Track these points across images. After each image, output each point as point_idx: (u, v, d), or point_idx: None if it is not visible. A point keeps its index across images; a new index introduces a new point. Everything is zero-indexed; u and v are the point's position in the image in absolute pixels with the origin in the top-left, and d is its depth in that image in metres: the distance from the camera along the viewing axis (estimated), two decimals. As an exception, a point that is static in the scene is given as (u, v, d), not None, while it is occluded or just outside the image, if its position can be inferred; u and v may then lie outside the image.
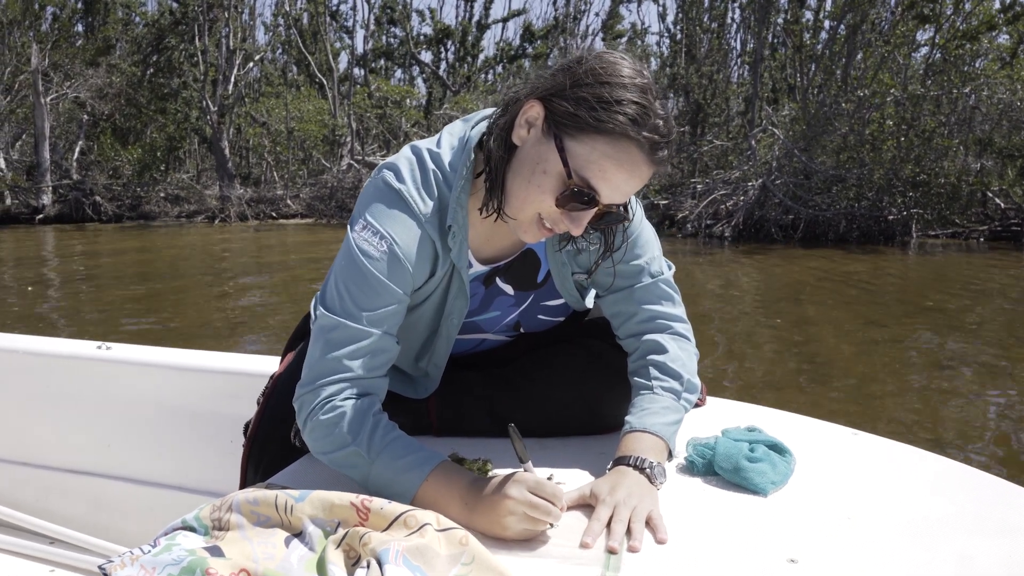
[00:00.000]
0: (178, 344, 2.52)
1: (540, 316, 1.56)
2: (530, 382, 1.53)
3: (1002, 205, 15.92)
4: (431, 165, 1.34)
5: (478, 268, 1.45)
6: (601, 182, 1.19)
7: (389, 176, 1.33)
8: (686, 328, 1.51)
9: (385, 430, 1.26)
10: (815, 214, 15.54)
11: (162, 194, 24.03)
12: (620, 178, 1.20)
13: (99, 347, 2.31)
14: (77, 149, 25.26)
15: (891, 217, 15.23)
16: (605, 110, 1.16)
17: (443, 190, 1.33)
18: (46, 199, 22.79)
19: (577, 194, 1.20)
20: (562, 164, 1.19)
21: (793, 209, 15.75)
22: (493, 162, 1.28)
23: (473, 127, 1.36)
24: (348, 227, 1.35)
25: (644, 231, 1.48)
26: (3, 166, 23.80)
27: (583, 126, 1.18)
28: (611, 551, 1.09)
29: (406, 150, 1.37)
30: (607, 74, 1.18)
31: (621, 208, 1.26)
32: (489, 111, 1.36)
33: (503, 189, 1.27)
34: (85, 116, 25.12)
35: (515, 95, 1.28)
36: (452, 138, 1.37)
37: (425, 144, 1.37)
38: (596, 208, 1.22)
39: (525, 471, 1.16)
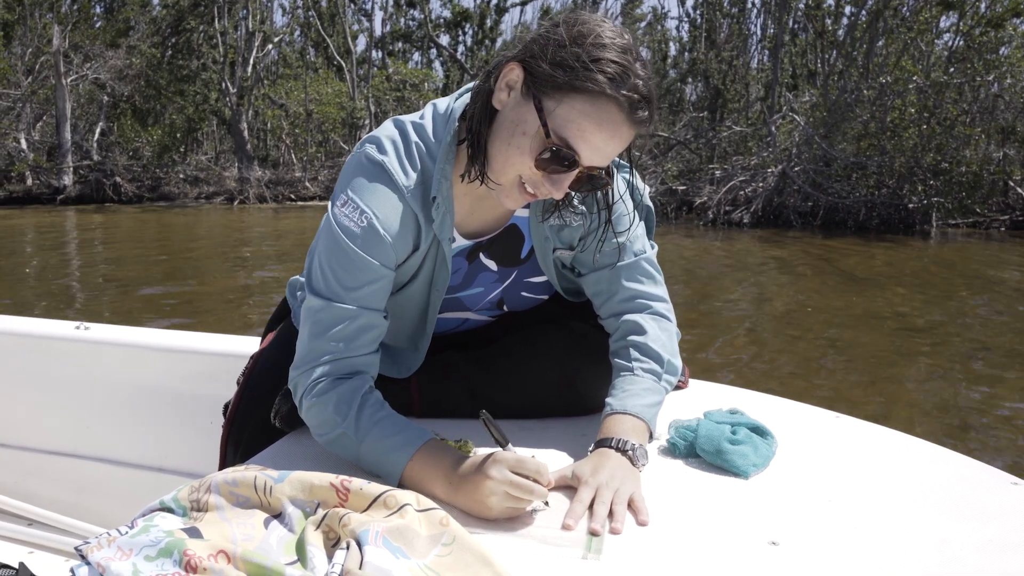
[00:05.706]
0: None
1: (523, 293, 1.54)
2: (512, 362, 1.51)
3: (1024, 194, 15.77)
4: (414, 137, 1.32)
5: (461, 242, 1.43)
6: (580, 142, 1.17)
7: (371, 149, 1.31)
8: (667, 308, 1.49)
9: (373, 409, 1.25)
10: (835, 201, 15.43)
11: (181, 175, 24.19)
12: (599, 138, 1.18)
13: (77, 327, 2.28)
14: (98, 130, 25.46)
15: (911, 206, 15.09)
16: (584, 69, 1.15)
17: (426, 162, 1.32)
18: (67, 180, 22.99)
19: (556, 155, 1.18)
20: (540, 124, 1.17)
21: (812, 196, 15.64)
22: (474, 126, 1.26)
23: (458, 98, 1.35)
24: (329, 203, 1.34)
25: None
26: (25, 147, 24.00)
27: (561, 85, 1.16)
28: (593, 533, 1.08)
29: (388, 123, 1.35)
30: (586, 35, 1.17)
31: (603, 172, 1.24)
32: (475, 83, 1.34)
33: (485, 154, 1.25)
34: (105, 97, 25.25)
35: (497, 61, 1.26)
36: (437, 110, 1.36)
37: (409, 117, 1.35)
38: (577, 170, 1.21)
39: (506, 451, 1.16)
